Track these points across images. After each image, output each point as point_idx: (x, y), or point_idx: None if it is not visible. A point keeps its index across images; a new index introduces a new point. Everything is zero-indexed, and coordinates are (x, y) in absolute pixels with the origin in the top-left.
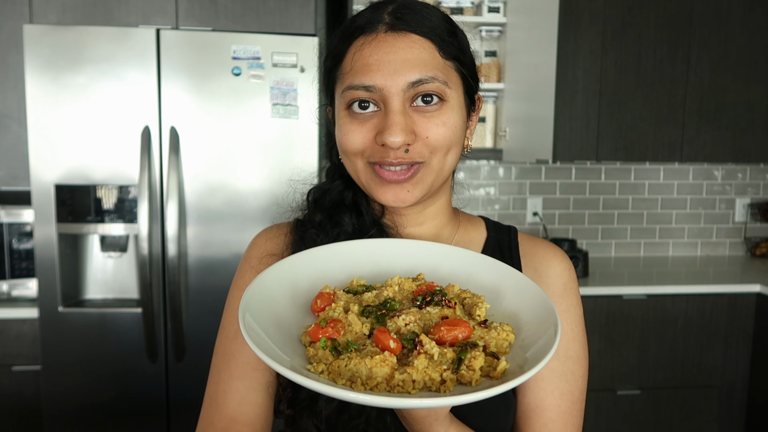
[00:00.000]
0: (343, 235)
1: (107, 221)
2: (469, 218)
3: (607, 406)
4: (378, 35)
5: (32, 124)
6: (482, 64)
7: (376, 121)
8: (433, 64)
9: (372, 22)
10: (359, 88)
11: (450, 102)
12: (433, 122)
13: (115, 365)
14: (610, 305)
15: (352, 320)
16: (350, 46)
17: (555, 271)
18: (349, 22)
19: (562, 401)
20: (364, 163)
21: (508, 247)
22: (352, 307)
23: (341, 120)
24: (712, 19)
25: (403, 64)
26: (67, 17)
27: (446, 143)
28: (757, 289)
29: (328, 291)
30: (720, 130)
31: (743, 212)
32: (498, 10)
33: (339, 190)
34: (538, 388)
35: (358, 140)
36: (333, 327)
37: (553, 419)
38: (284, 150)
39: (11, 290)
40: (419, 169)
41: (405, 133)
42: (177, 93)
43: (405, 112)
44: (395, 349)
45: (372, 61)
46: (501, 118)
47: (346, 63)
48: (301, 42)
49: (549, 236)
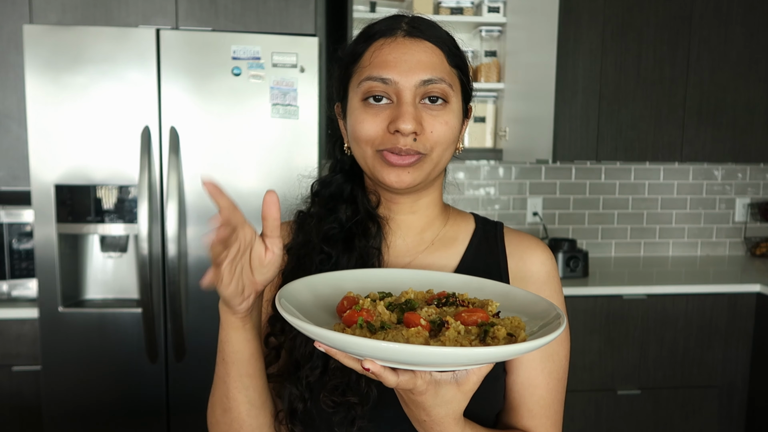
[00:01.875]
0: (336, 223)
1: (107, 221)
2: (459, 213)
3: (607, 406)
4: (397, 38)
5: (32, 124)
6: (482, 64)
7: (389, 112)
8: (441, 68)
9: (391, 27)
10: (377, 79)
11: (451, 105)
12: (437, 120)
13: (115, 365)
14: (610, 305)
15: (381, 310)
16: (370, 45)
17: (539, 259)
18: (368, 28)
19: (550, 379)
20: (373, 151)
21: (494, 237)
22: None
23: (356, 111)
24: (712, 19)
25: (417, 65)
26: (67, 17)
27: (446, 140)
28: (757, 289)
29: (352, 295)
30: (720, 130)
31: (743, 212)
32: (498, 10)
33: (338, 183)
34: (530, 368)
35: (372, 129)
36: (367, 312)
37: (544, 396)
38: (284, 150)
39: (11, 290)
40: (421, 158)
41: (415, 122)
42: (177, 93)
43: (415, 105)
44: (425, 326)
45: (390, 59)
46: (501, 118)
47: (365, 59)
48: (301, 42)
49: (549, 236)
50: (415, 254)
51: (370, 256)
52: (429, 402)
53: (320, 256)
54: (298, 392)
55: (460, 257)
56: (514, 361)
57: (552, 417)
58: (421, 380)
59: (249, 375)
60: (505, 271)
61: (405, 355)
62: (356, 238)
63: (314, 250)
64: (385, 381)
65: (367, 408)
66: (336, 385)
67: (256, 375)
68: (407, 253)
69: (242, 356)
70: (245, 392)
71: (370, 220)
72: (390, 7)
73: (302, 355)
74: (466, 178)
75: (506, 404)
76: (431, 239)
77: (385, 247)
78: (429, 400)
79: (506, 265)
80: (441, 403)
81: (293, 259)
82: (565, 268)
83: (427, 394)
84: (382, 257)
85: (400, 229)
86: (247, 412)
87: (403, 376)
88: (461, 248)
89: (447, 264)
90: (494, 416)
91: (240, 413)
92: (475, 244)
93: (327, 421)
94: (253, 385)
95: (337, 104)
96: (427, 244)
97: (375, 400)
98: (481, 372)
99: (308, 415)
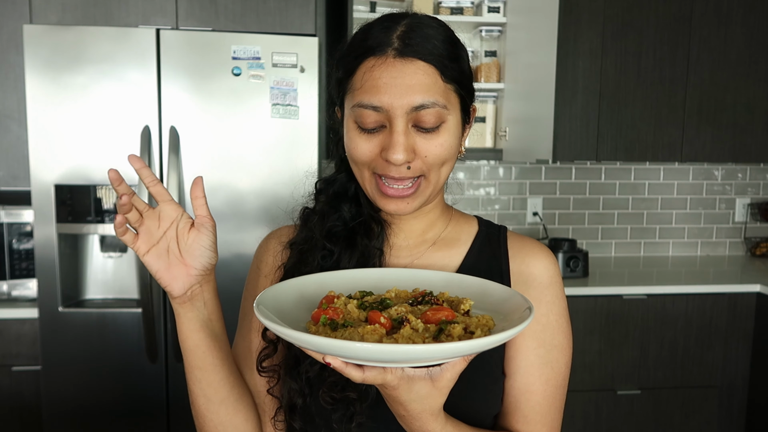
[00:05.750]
0: (339, 220)
1: (107, 221)
2: (463, 215)
3: (607, 406)
4: (387, 59)
5: (32, 124)
6: (482, 64)
7: (382, 137)
8: (434, 89)
9: (382, 44)
10: (368, 107)
11: (447, 124)
12: (431, 143)
13: (115, 365)
14: (610, 305)
15: (351, 309)
16: (361, 64)
17: (542, 263)
18: (361, 39)
19: (547, 386)
20: (370, 174)
21: (497, 240)
22: (351, 302)
23: (351, 132)
24: (712, 19)
25: (408, 89)
26: (67, 17)
27: (442, 160)
28: (757, 289)
29: (332, 294)
30: (720, 130)
31: (743, 212)
32: (498, 10)
33: (343, 181)
34: (527, 374)
35: (366, 153)
36: (333, 311)
37: (540, 402)
38: (284, 150)
39: (11, 290)
40: (421, 182)
41: (407, 152)
42: (177, 93)
43: (408, 132)
44: (385, 324)
45: (381, 84)
46: (501, 118)
47: (357, 79)
48: (301, 42)
49: (549, 236)
50: (417, 254)
51: (372, 256)
52: (404, 397)
53: (322, 252)
54: (298, 387)
55: (462, 258)
56: (512, 365)
57: (548, 424)
58: (391, 376)
59: (199, 368)
60: (506, 274)
61: (353, 352)
62: (359, 237)
63: (316, 246)
64: (350, 376)
65: (366, 405)
66: (335, 382)
67: (207, 369)
68: (409, 253)
69: (187, 346)
70: (198, 385)
71: (373, 221)
72: (390, 7)
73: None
74: (466, 178)
75: (503, 407)
76: (433, 239)
77: (387, 248)
78: (403, 396)
79: (508, 268)
80: (416, 399)
81: (296, 254)
82: (565, 268)
83: (400, 390)
84: (384, 257)
85: (402, 230)
86: (205, 407)
87: (369, 372)
88: (463, 249)
89: (448, 264)
90: (491, 418)
91: (198, 406)
92: (477, 245)
93: (326, 418)
94: (205, 379)
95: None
96: (429, 244)
97: (374, 397)
98: (455, 369)
99: (307, 411)
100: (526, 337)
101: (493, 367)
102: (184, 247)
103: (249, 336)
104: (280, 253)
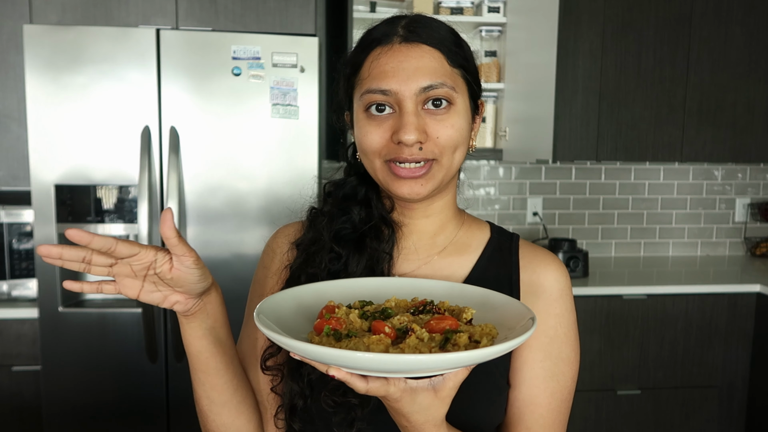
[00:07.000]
0: (348, 223)
1: (107, 221)
2: (475, 220)
3: (607, 406)
4: (393, 46)
5: (32, 124)
6: (482, 64)
7: (392, 122)
8: (441, 72)
9: (387, 34)
10: (377, 92)
11: (457, 106)
12: (442, 124)
13: (115, 365)
14: (610, 305)
15: (353, 319)
16: (368, 55)
17: (552, 275)
18: (366, 34)
19: (552, 399)
20: (382, 162)
21: (508, 248)
22: (353, 311)
23: (360, 122)
24: (712, 19)
25: (415, 72)
26: (67, 17)
27: (454, 143)
28: (757, 289)
29: (332, 304)
30: (720, 130)
31: (743, 212)
32: (498, 10)
33: (353, 185)
34: (532, 386)
35: (377, 140)
36: (336, 321)
37: (544, 415)
38: (284, 150)
39: (11, 290)
40: (432, 165)
41: (418, 132)
42: (177, 93)
43: (418, 113)
44: (389, 333)
45: (388, 69)
46: (501, 118)
47: (364, 70)
48: (301, 42)
49: (549, 236)
50: (427, 259)
51: (381, 260)
52: (406, 409)
53: (330, 255)
54: (299, 389)
55: (472, 265)
56: (517, 376)
57: None
58: (394, 387)
59: (202, 371)
60: (516, 284)
61: (360, 362)
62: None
63: (324, 248)
64: (354, 387)
65: (367, 410)
66: (337, 385)
67: (210, 373)
68: (418, 258)
69: (191, 351)
70: (202, 387)
71: (384, 224)
72: (390, 7)
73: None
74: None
75: (507, 418)
76: (444, 244)
77: (396, 252)
78: (406, 407)
79: (518, 278)
80: (419, 410)
81: (302, 255)
82: None
83: (403, 401)
84: (393, 261)
85: (412, 233)
86: (208, 408)
87: (373, 383)
88: (474, 256)
89: (458, 272)
90: (493, 428)
91: (202, 407)
92: (488, 253)
93: (326, 421)
94: (209, 382)
95: (347, 113)
96: (440, 248)
97: (375, 403)
98: (457, 378)
99: (308, 413)
100: (533, 349)
101: (497, 377)
102: (172, 283)
103: (254, 334)
104: (287, 252)
